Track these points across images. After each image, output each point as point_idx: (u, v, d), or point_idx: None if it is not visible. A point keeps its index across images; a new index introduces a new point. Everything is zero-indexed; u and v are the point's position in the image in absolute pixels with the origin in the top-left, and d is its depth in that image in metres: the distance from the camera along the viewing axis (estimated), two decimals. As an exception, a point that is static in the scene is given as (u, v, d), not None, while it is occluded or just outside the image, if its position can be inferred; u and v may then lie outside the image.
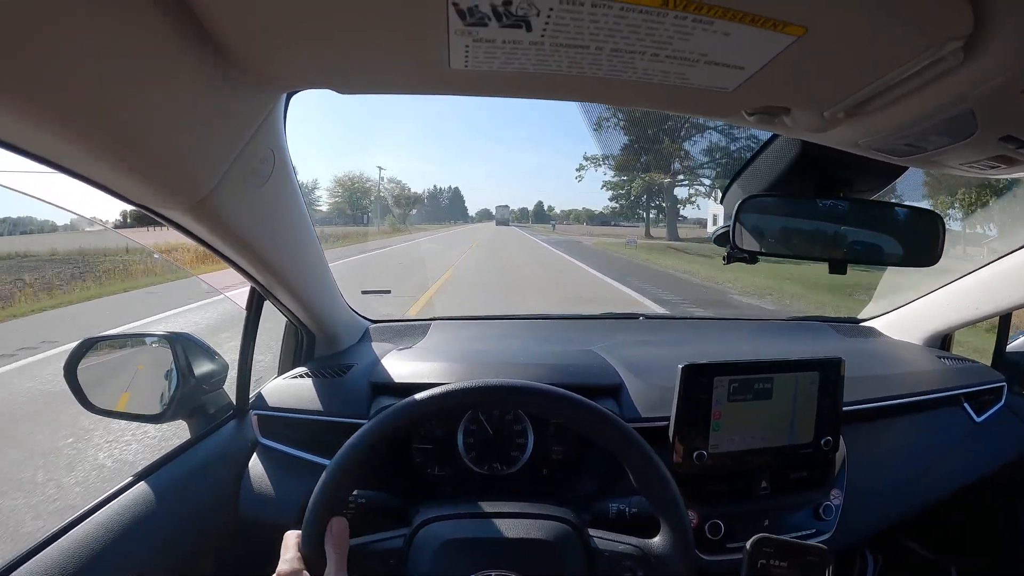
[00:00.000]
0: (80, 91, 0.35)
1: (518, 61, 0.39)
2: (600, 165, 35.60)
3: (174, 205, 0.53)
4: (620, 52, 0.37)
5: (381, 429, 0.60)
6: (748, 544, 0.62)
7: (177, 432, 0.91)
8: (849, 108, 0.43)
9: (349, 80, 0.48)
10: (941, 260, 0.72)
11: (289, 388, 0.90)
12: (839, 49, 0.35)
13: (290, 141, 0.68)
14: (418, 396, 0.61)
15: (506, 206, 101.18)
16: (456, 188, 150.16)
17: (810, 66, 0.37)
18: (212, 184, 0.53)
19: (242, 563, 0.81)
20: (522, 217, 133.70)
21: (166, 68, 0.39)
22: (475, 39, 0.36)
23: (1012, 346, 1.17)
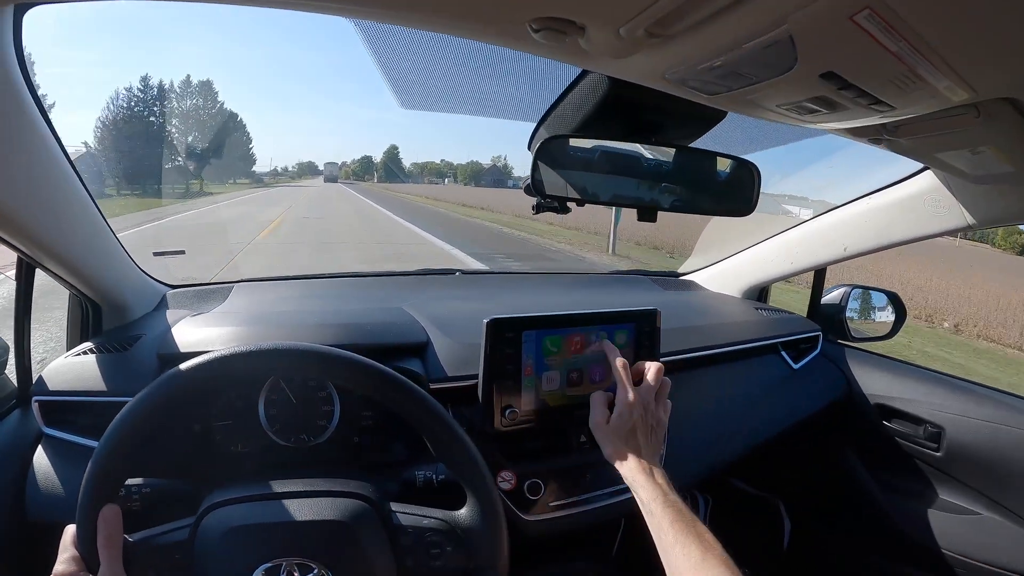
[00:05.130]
0: None
1: None
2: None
3: None
4: None
5: (143, 407, 0.53)
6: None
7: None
8: (650, 25, 0.38)
9: None
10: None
11: (72, 368, 0.78)
12: None
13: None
14: (175, 368, 0.55)
15: (335, 163, 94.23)
16: (224, 107, 52.60)
17: None
18: None
19: (33, 571, 0.68)
20: (364, 170, 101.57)
21: None
22: None
23: (826, 299, 1.29)
